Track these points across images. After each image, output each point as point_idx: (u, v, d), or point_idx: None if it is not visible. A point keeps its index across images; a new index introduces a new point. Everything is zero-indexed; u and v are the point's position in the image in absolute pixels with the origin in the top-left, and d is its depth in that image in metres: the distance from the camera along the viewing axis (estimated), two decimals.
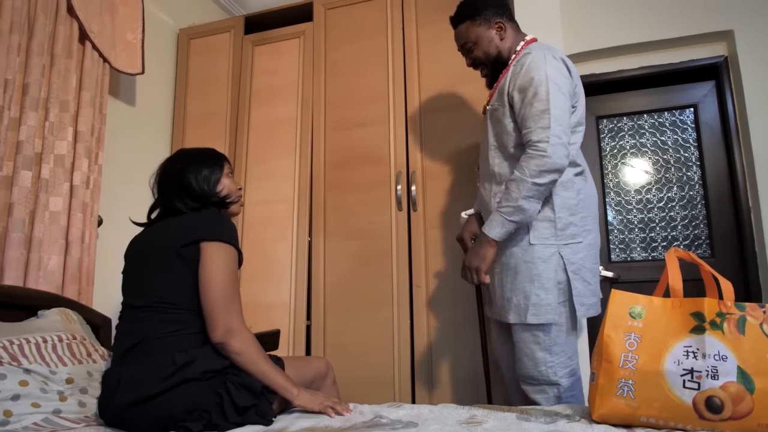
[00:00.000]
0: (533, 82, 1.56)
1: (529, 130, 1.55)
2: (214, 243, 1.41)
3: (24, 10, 1.95)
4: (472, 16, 1.73)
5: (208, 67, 2.83)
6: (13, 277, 1.81)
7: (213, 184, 1.56)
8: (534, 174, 1.52)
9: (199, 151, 1.63)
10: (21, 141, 1.89)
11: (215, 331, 1.36)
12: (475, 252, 1.66)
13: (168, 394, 1.33)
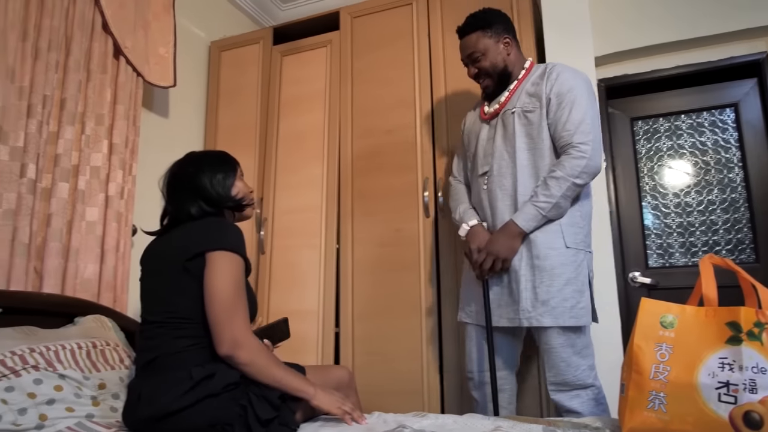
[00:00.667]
0: (573, 89, 1.69)
1: (569, 132, 1.66)
2: (217, 252, 1.39)
3: (61, 29, 2.03)
4: (483, 27, 1.81)
5: (239, 78, 2.88)
6: (52, 285, 1.88)
7: (228, 188, 1.55)
8: (575, 174, 1.62)
9: (211, 154, 1.63)
10: (59, 154, 1.97)
11: (221, 344, 1.35)
12: (501, 242, 1.67)
13: (189, 410, 1.33)
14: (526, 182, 1.73)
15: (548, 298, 1.65)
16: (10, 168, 1.80)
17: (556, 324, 1.64)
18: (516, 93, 1.82)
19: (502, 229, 1.70)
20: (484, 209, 1.85)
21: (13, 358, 1.48)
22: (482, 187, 1.83)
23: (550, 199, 1.63)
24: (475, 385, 1.87)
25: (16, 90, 1.85)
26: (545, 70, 1.78)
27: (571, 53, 2.25)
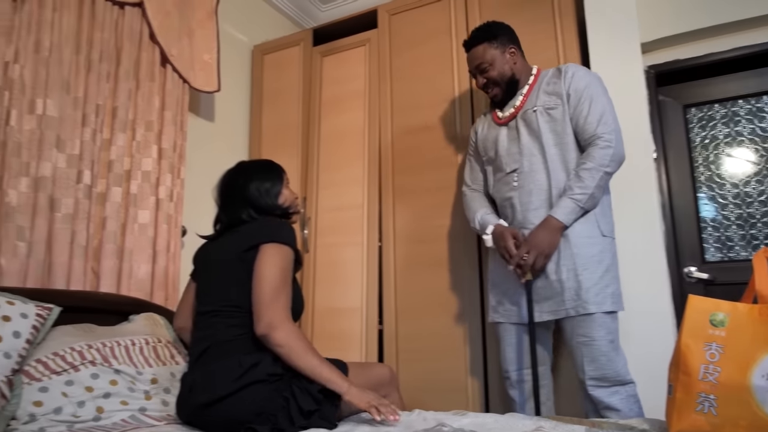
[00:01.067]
0: (589, 85, 1.78)
1: (592, 125, 1.73)
2: (270, 244, 1.48)
3: (111, 41, 2.13)
4: (489, 39, 1.89)
5: (281, 80, 2.94)
6: (108, 284, 1.98)
7: (274, 196, 1.63)
8: (605, 163, 1.69)
9: (258, 164, 1.71)
10: (112, 160, 2.07)
11: (259, 323, 1.41)
12: (542, 237, 1.68)
13: (236, 396, 1.39)
14: (559, 176, 1.78)
15: (591, 285, 1.68)
16: (67, 175, 1.90)
17: (599, 310, 1.67)
18: (530, 95, 1.89)
19: (542, 225, 1.71)
20: (514, 206, 1.84)
21: (73, 354, 1.57)
22: (512, 184, 1.85)
23: (585, 190, 1.68)
24: (512, 384, 1.85)
25: (71, 101, 1.96)
26: (559, 70, 1.86)
27: (616, 42, 2.17)
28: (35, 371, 1.48)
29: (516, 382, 1.86)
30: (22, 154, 1.80)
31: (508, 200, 1.86)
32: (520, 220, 1.81)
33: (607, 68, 2.15)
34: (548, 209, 1.75)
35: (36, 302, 1.61)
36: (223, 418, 1.39)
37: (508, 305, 1.84)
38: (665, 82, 2.72)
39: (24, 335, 1.50)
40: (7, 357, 1.43)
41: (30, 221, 1.78)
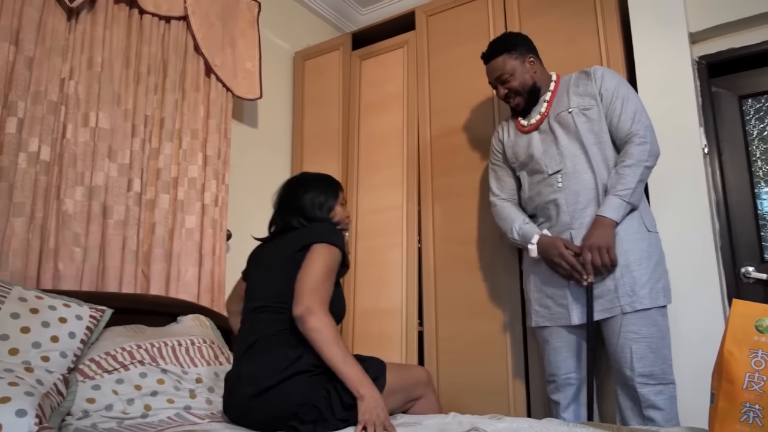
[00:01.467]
0: (620, 84, 1.82)
1: (627, 123, 1.76)
2: (320, 244, 1.56)
3: (159, 54, 2.23)
4: (509, 50, 1.89)
5: (321, 85, 2.99)
6: (157, 287, 2.08)
7: (326, 211, 1.72)
8: (644, 159, 1.71)
9: (318, 178, 1.79)
10: (160, 168, 2.17)
11: (297, 305, 1.45)
12: (597, 235, 1.68)
13: (281, 387, 1.43)
14: (603, 174, 1.79)
15: (645, 280, 1.69)
16: (118, 183, 2.01)
17: (654, 304, 1.68)
18: (555, 100, 1.89)
19: (593, 226, 1.72)
20: (559, 206, 1.82)
21: (123, 354, 1.66)
22: (556, 185, 1.84)
23: (629, 185, 1.69)
24: (558, 388, 1.82)
25: (121, 113, 2.07)
26: (586, 72, 1.87)
27: (662, 34, 2.09)
28: (89, 370, 1.58)
29: (561, 385, 1.84)
30: (78, 164, 1.91)
31: (552, 201, 1.84)
32: (566, 221, 1.80)
33: (653, 61, 2.08)
34: (596, 207, 1.76)
35: (90, 305, 1.70)
36: (270, 409, 1.43)
37: (555, 308, 1.82)
38: (718, 72, 2.59)
39: (78, 336, 1.60)
40: (63, 356, 1.52)
41: (85, 228, 1.89)
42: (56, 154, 1.88)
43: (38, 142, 1.81)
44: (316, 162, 2.91)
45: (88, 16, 2.01)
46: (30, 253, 1.76)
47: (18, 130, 1.76)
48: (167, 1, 2.25)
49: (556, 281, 1.80)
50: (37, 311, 1.55)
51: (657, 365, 1.66)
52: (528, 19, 2.36)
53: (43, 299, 1.60)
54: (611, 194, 1.71)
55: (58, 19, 1.93)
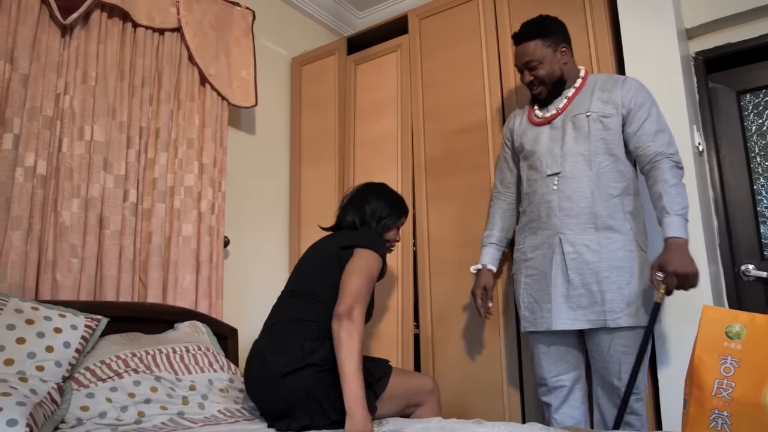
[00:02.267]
0: (653, 104, 1.78)
1: (656, 143, 1.72)
2: (365, 249, 1.63)
3: (153, 66, 2.27)
4: (543, 36, 1.82)
5: (318, 90, 3.01)
6: (155, 295, 2.12)
7: (382, 226, 1.83)
8: (679, 179, 1.68)
9: (394, 196, 1.93)
10: (156, 178, 2.21)
11: (341, 304, 1.52)
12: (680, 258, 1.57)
13: (294, 375, 1.52)
14: (605, 186, 1.75)
15: (634, 298, 1.69)
16: (115, 194, 2.06)
17: (639, 323, 1.68)
18: (578, 99, 1.85)
19: (670, 250, 1.59)
20: (551, 209, 1.81)
21: (117, 362, 1.71)
22: (552, 187, 1.82)
23: (684, 203, 1.65)
24: (549, 390, 1.83)
25: (117, 125, 2.11)
26: (615, 79, 1.83)
27: (651, 32, 2.06)
28: (83, 378, 1.62)
29: (552, 388, 1.85)
30: (74, 177, 1.96)
31: (547, 203, 1.82)
32: (557, 225, 1.79)
33: (642, 60, 2.06)
34: (590, 217, 1.74)
35: (86, 314, 1.75)
36: (283, 392, 1.52)
37: (540, 313, 1.82)
38: (715, 68, 2.57)
39: (74, 345, 1.64)
40: (58, 365, 1.57)
41: (81, 239, 1.94)
42: (52, 168, 1.93)
43: (34, 156, 1.86)
44: (313, 167, 2.94)
45: (82, 31, 2.06)
46: (28, 264, 1.81)
47: (14, 146, 1.81)
48: (160, 14, 2.29)
49: (544, 285, 1.80)
50: (33, 322, 1.60)
51: (641, 378, 1.69)
52: (519, 18, 2.34)
53: (39, 310, 1.65)
54: (672, 214, 1.61)
55: (53, 36, 1.98)
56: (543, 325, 1.80)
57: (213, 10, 2.53)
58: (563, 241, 1.76)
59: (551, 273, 1.77)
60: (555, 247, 1.78)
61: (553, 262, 1.78)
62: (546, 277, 1.79)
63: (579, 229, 1.74)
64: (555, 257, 1.78)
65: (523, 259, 1.90)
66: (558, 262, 1.77)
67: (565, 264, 1.75)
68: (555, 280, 1.76)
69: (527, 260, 1.88)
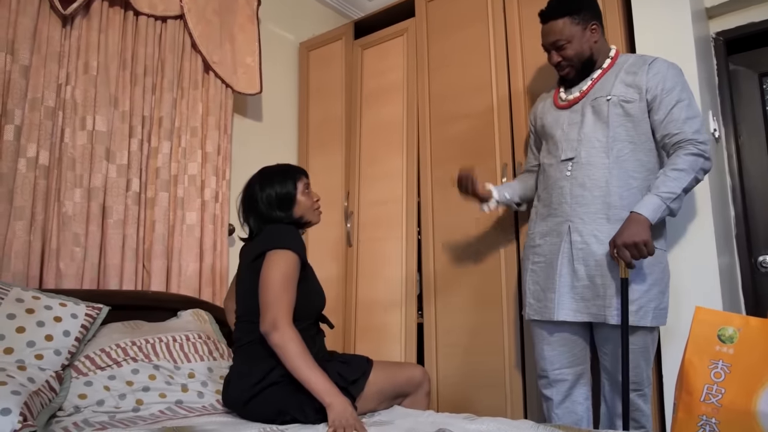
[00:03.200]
0: (684, 87, 1.65)
1: (683, 130, 1.60)
2: (274, 251, 1.55)
3: (155, 54, 2.27)
4: (572, 13, 1.70)
5: (325, 75, 2.98)
6: (158, 283, 2.15)
7: (286, 206, 1.67)
8: (697, 170, 1.58)
9: (274, 171, 1.73)
10: (159, 167, 2.22)
11: (262, 323, 1.49)
12: (629, 230, 1.53)
13: (258, 398, 1.51)
14: (623, 175, 1.66)
15: (637, 297, 1.60)
16: (117, 183, 2.08)
17: (638, 324, 1.60)
18: (602, 81, 1.74)
19: (626, 223, 1.56)
20: (563, 195, 1.73)
21: (117, 351, 1.73)
22: (565, 173, 1.74)
23: (674, 189, 1.55)
24: (550, 383, 1.79)
25: (119, 115, 2.12)
26: (644, 60, 1.70)
27: (665, 11, 1.96)
28: (83, 366, 1.66)
29: (553, 381, 1.80)
30: (76, 167, 1.98)
31: (560, 188, 1.75)
32: (567, 212, 1.72)
33: (654, 43, 1.96)
34: (602, 207, 1.65)
35: (87, 303, 1.78)
36: (254, 414, 1.52)
37: (545, 302, 1.76)
38: (737, 49, 2.45)
39: (73, 334, 1.67)
40: (57, 354, 1.61)
41: (84, 228, 1.97)
42: (55, 158, 1.95)
43: (36, 147, 1.88)
44: (320, 153, 2.92)
45: (83, 21, 2.06)
46: (31, 254, 1.84)
47: (16, 137, 1.84)
48: (162, 1, 2.28)
49: (550, 274, 1.75)
50: (33, 311, 1.63)
51: (644, 375, 1.66)
52: (527, 5, 2.27)
53: (40, 299, 1.68)
54: (652, 193, 1.56)
55: (53, 26, 1.98)
56: (546, 315, 1.75)
57: None
58: (572, 229, 1.70)
59: (557, 261, 1.72)
60: (563, 235, 1.72)
61: (560, 251, 1.72)
62: (552, 265, 1.74)
63: (589, 218, 1.67)
64: (563, 245, 1.72)
65: (532, 246, 1.84)
66: (565, 251, 1.71)
67: (571, 253, 1.69)
68: (561, 269, 1.71)
69: (535, 246, 1.83)
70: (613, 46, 1.81)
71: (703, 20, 2.39)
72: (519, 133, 2.24)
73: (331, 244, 2.79)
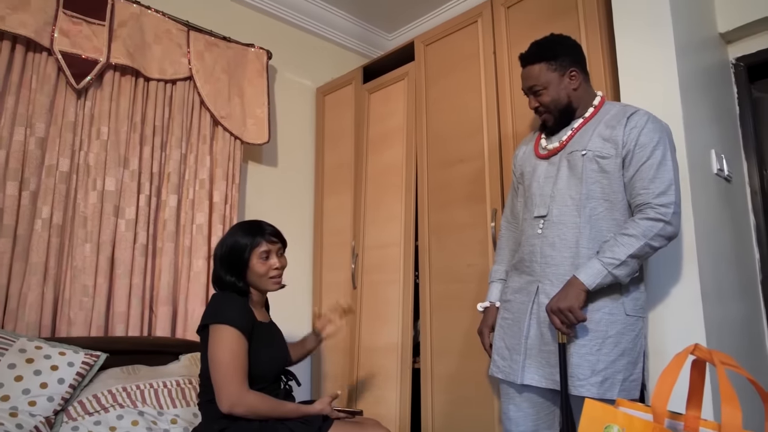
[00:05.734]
0: (660, 144, 1.53)
1: (648, 191, 1.51)
2: (215, 325, 1.61)
3: (165, 114, 2.47)
4: (548, 59, 1.65)
5: (338, 119, 3.07)
6: (163, 328, 2.32)
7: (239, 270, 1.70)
8: (651, 235, 1.48)
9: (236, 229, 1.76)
10: (166, 219, 2.41)
11: (220, 404, 1.56)
12: (559, 295, 1.51)
13: None
14: (595, 236, 1.56)
15: (603, 367, 1.51)
16: (125, 237, 2.27)
17: (603, 397, 1.49)
18: (581, 132, 1.65)
19: (564, 286, 1.53)
20: (534, 254, 1.66)
21: (107, 397, 1.89)
22: (536, 231, 1.67)
23: (617, 255, 1.47)
24: None
25: (129, 174, 2.33)
26: (624, 113, 1.59)
27: (648, 50, 1.84)
28: (74, 411, 1.83)
29: None
30: (87, 224, 2.20)
31: (531, 247, 1.68)
32: (537, 272, 1.64)
33: (639, 81, 1.85)
34: (570, 269, 1.56)
35: (87, 351, 1.97)
36: None
37: (509, 361, 1.69)
38: (759, 75, 2.24)
39: (68, 381, 1.85)
40: (50, 401, 1.79)
41: (93, 280, 2.17)
42: (68, 218, 2.18)
43: (51, 209, 2.12)
44: (334, 198, 3.00)
45: (96, 92, 2.30)
46: (45, 305, 2.07)
47: (32, 202, 2.08)
48: (172, 65, 2.48)
49: (516, 333, 1.68)
50: (33, 360, 1.83)
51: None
52: (517, 43, 2.22)
53: (42, 348, 1.89)
54: (596, 257, 1.50)
55: (69, 100, 2.23)
56: (512, 376, 1.68)
57: (226, 56, 2.68)
58: (540, 290, 1.62)
59: (525, 323, 1.64)
60: (532, 296, 1.64)
61: (528, 311, 1.65)
62: (520, 325, 1.66)
63: (558, 280, 1.58)
64: (532, 306, 1.64)
65: (504, 300, 1.78)
66: (534, 312, 1.64)
67: (539, 315, 1.62)
68: (528, 331, 1.64)
69: (507, 301, 1.76)
70: (600, 93, 1.71)
71: (717, 47, 2.21)
72: (509, 177, 2.19)
73: (342, 285, 2.84)
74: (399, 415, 2.39)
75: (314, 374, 2.91)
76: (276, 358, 1.76)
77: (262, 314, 1.84)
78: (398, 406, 2.40)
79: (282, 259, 1.80)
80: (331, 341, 2.78)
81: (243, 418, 1.58)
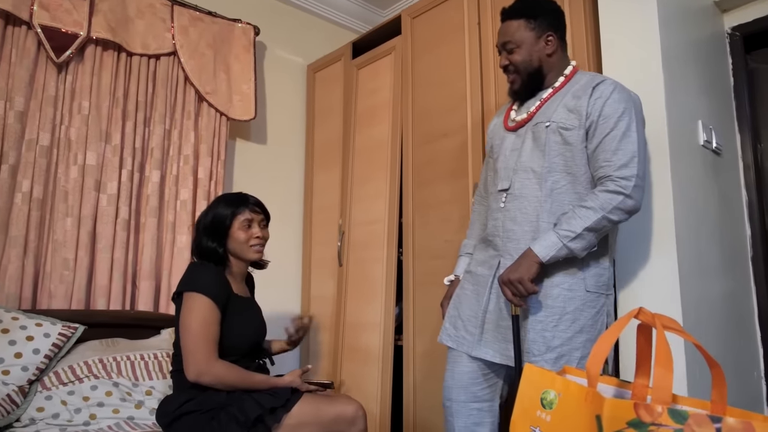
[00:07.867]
0: (623, 115, 1.46)
1: (609, 163, 1.45)
2: (188, 293, 1.62)
3: (148, 89, 2.46)
4: (528, 17, 1.58)
5: (328, 96, 3.03)
6: (145, 301, 2.33)
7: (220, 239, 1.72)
8: (609, 209, 1.42)
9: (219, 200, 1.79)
10: (149, 195, 2.40)
11: (187, 371, 1.57)
12: (512, 267, 1.47)
13: (177, 424, 1.60)
14: (555, 210, 1.51)
15: (558, 344, 1.46)
16: (107, 212, 2.28)
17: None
18: (549, 103, 1.59)
19: (519, 258, 1.49)
20: (497, 228, 1.62)
21: (82, 368, 1.91)
22: (500, 204, 1.63)
23: (572, 228, 1.42)
24: (451, 414, 1.66)
25: (111, 149, 2.33)
26: (591, 83, 1.52)
27: (631, 12, 1.77)
28: (49, 381, 1.85)
29: (456, 412, 1.65)
30: (68, 199, 2.21)
31: (495, 220, 1.64)
32: (499, 246, 1.60)
33: (621, 50, 1.78)
34: (530, 243, 1.49)
35: (65, 323, 1.98)
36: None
37: (462, 332, 1.65)
38: (756, 45, 2.15)
39: (43, 351, 1.87)
40: (24, 370, 1.81)
41: (74, 253, 2.19)
42: (49, 192, 2.19)
43: (31, 182, 2.13)
44: (323, 174, 2.98)
45: (78, 66, 2.29)
46: (25, 277, 2.09)
47: (11, 176, 2.09)
48: (155, 40, 2.47)
49: (474, 305, 1.64)
50: (8, 331, 1.85)
51: None
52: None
53: (19, 320, 1.90)
54: (552, 229, 1.46)
55: (50, 73, 2.23)
56: (463, 347, 1.64)
57: (211, 31, 2.66)
58: (501, 265, 1.57)
59: (485, 296, 1.60)
60: (494, 270, 1.60)
61: (489, 284, 1.61)
62: (479, 298, 1.63)
63: (518, 254, 1.51)
64: (492, 280, 1.61)
65: (467, 270, 1.74)
66: (494, 287, 1.60)
67: (499, 290, 1.57)
68: (488, 305, 1.60)
69: (469, 273, 1.72)
70: (573, 63, 1.64)
71: (709, 16, 2.12)
72: None
73: (329, 262, 2.83)
74: (380, 391, 2.38)
75: (303, 351, 2.91)
76: (249, 331, 1.76)
77: (241, 288, 1.83)
78: (380, 383, 2.39)
79: (264, 231, 1.83)
80: (318, 318, 2.79)
81: (211, 388, 1.59)
